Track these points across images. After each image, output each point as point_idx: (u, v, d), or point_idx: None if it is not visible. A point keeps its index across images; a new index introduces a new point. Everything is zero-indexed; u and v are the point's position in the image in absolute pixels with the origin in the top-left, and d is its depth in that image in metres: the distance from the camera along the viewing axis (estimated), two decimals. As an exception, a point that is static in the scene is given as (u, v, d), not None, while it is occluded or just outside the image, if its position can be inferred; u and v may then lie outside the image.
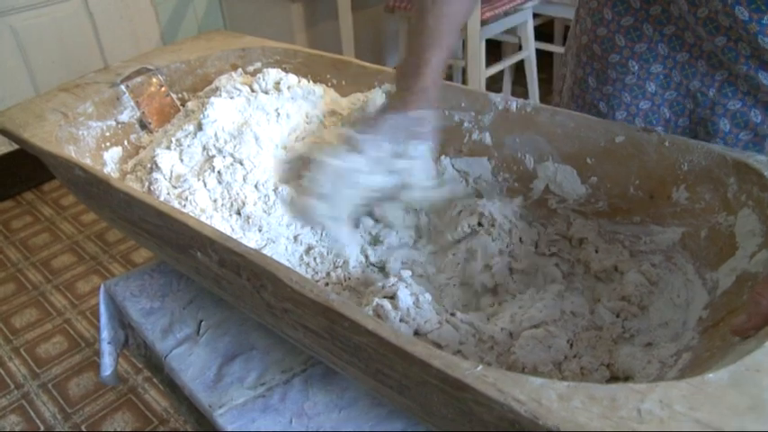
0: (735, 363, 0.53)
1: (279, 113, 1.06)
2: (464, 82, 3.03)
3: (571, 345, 0.76)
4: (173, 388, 0.97)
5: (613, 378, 0.73)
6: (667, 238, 0.85)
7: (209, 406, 0.82)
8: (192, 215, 0.87)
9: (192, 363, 0.90)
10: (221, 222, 0.96)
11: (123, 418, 1.87)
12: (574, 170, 0.93)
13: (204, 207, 0.96)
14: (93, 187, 0.91)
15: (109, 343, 1.10)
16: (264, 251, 0.94)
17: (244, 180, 0.99)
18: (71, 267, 2.51)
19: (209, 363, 0.89)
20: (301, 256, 0.97)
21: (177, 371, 0.89)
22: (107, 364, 1.10)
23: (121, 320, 1.09)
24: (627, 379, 0.71)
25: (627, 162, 0.88)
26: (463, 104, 1.01)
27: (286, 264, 0.76)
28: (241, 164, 0.99)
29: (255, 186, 0.99)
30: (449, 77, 3.27)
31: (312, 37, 3.34)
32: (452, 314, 0.81)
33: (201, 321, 0.96)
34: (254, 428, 0.79)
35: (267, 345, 0.90)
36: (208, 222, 0.92)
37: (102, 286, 1.08)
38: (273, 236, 0.97)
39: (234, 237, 0.76)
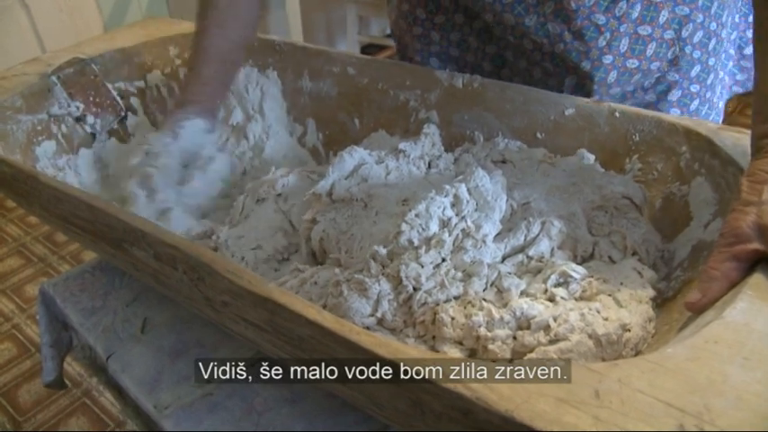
0: (693, 336, 0.51)
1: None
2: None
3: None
4: (119, 390, 0.93)
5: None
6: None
7: (154, 407, 0.78)
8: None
9: (135, 363, 0.85)
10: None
11: (78, 423, 1.80)
12: (524, 145, 0.90)
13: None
14: (21, 184, 0.86)
15: (51, 346, 1.05)
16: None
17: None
18: (18, 271, 2.41)
19: (153, 362, 0.85)
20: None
21: (120, 372, 0.85)
22: (50, 368, 1.05)
23: (64, 322, 1.03)
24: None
25: (578, 135, 0.86)
26: (408, 83, 0.98)
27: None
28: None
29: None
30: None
31: (261, 25, 3.28)
32: None
33: (146, 319, 0.92)
34: (203, 429, 0.75)
35: (214, 341, 0.86)
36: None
37: (40, 287, 1.03)
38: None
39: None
